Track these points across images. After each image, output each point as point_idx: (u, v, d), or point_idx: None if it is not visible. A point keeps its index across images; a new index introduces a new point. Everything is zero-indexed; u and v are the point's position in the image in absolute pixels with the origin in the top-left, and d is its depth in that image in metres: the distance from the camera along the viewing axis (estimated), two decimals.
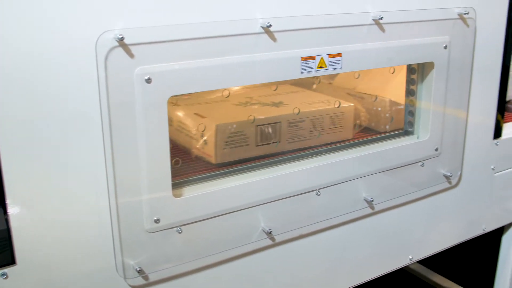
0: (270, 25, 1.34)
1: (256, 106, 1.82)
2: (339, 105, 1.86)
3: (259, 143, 1.70)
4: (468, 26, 1.75)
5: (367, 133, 1.93)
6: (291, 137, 1.75)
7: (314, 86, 2.04)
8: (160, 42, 1.23)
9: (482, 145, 2.01)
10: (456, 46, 1.73)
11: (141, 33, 1.20)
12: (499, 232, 2.34)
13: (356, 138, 1.84)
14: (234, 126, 1.67)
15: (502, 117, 2.05)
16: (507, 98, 2.25)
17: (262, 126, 1.70)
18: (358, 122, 1.95)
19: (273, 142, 1.72)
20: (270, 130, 1.71)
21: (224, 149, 1.64)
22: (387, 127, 1.93)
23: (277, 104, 1.84)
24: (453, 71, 1.75)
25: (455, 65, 1.75)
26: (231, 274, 1.52)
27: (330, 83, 2.12)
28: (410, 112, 1.83)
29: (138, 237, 1.31)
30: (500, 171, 2.13)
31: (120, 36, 1.16)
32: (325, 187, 1.59)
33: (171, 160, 1.32)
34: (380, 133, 1.90)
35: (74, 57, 1.14)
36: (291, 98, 1.92)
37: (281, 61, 1.40)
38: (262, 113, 1.74)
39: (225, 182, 1.47)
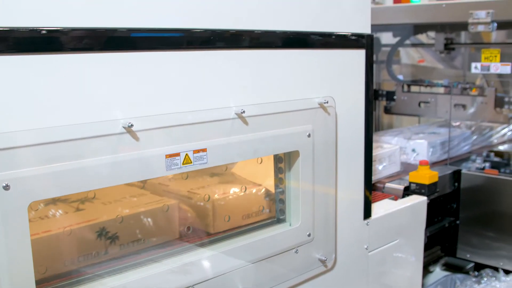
0: (132, 125, 1.34)
1: None
2: None
3: None
4: (329, 114, 1.82)
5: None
6: None
7: None
8: (17, 147, 1.19)
9: (354, 226, 2.07)
10: (319, 133, 1.80)
11: None
12: None
13: (227, 231, 1.81)
14: None
15: (370, 195, 2.13)
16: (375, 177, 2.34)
17: None
18: None
19: None
20: None
21: None
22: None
23: None
24: (318, 157, 1.81)
25: (320, 151, 1.82)
26: None
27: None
28: (280, 200, 1.86)
29: None
30: (374, 250, 2.19)
31: None
32: (198, 283, 1.56)
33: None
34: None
35: None
36: None
37: (145, 160, 1.40)
38: None
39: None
